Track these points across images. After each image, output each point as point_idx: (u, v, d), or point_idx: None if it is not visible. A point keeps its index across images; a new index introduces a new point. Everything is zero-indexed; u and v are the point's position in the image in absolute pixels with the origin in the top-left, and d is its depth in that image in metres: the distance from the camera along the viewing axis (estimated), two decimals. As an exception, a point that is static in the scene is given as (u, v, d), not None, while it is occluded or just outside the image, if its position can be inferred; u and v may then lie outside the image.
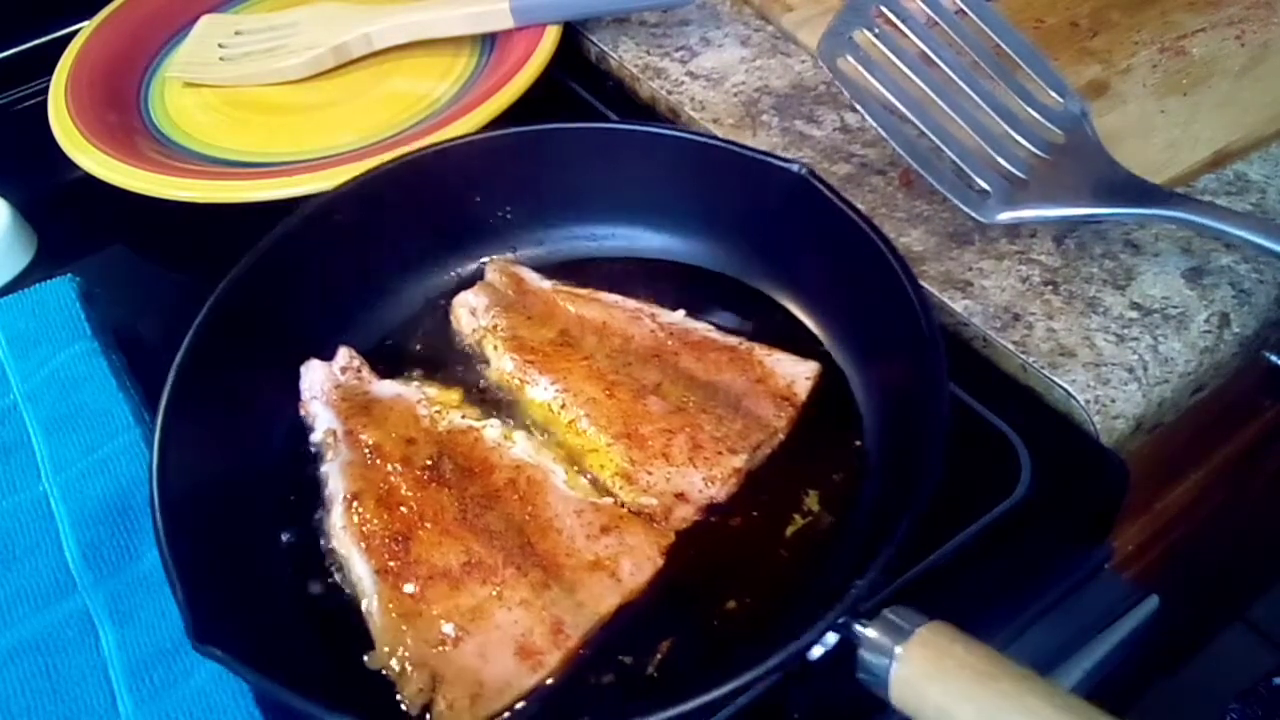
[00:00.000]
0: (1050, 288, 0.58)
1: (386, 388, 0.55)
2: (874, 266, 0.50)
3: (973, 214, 0.58)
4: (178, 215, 0.63)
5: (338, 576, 0.48)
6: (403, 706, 0.44)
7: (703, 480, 0.50)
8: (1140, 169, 0.58)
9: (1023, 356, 0.55)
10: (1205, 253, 0.58)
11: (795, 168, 0.54)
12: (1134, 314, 0.56)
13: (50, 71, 0.73)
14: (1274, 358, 0.62)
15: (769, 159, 0.55)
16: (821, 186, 0.53)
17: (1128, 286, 0.57)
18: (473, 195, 0.60)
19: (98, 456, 0.52)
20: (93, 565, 0.48)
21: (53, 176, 0.69)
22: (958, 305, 0.57)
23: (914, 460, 0.44)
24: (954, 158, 0.59)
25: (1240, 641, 1.46)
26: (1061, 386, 0.53)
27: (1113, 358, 0.54)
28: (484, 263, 0.61)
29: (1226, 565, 1.16)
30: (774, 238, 0.58)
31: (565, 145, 0.60)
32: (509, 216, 0.61)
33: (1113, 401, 0.53)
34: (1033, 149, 0.59)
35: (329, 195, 0.57)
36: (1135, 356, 0.54)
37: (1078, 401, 0.53)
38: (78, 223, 0.69)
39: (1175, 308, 0.56)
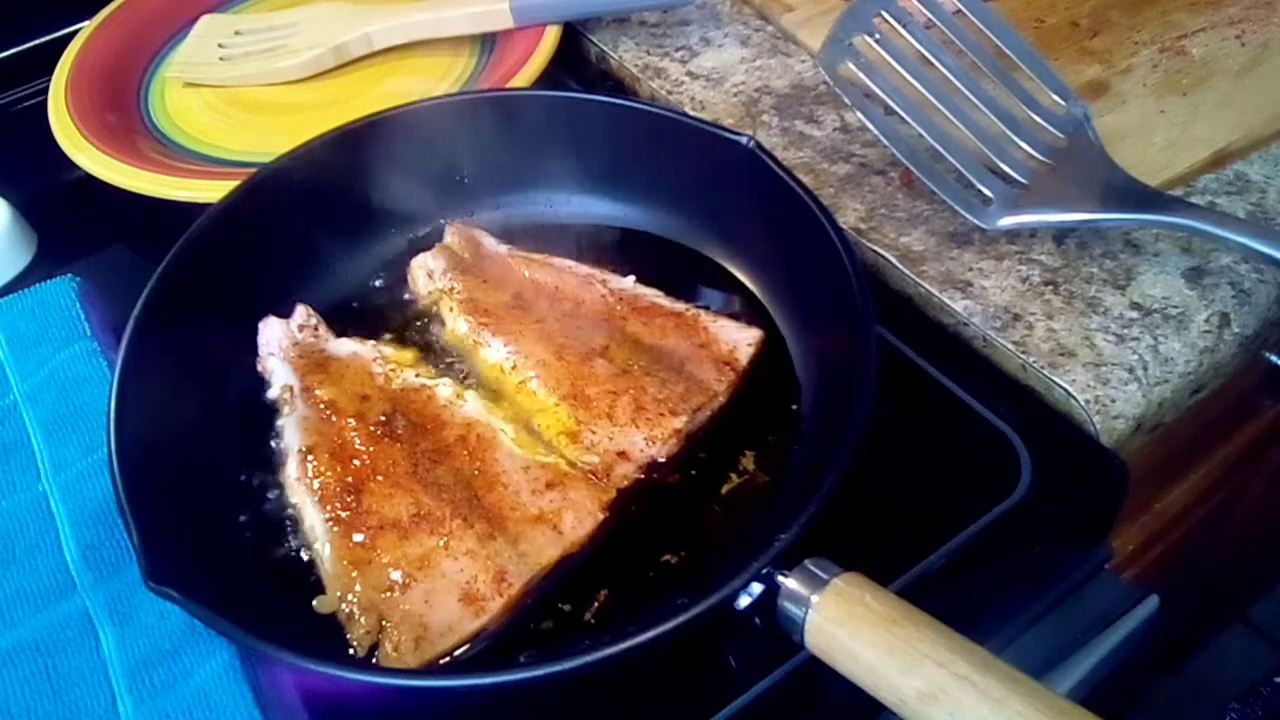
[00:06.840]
0: (1050, 288, 0.58)
1: (343, 346, 0.56)
2: (815, 238, 0.52)
3: (976, 221, 0.57)
4: (178, 215, 0.63)
5: (291, 525, 0.49)
6: (351, 648, 0.45)
7: (644, 440, 0.51)
8: (1140, 169, 0.57)
9: (1023, 356, 0.55)
10: (1205, 252, 0.58)
11: (744, 140, 0.55)
12: (1134, 314, 0.56)
13: (50, 71, 0.73)
14: (1274, 358, 0.63)
15: (719, 131, 0.57)
16: (768, 159, 0.54)
17: (1128, 286, 0.57)
18: (431, 159, 0.61)
19: (98, 456, 0.52)
20: (93, 566, 0.48)
21: (53, 176, 0.69)
22: (958, 305, 0.57)
23: (842, 425, 0.45)
24: (957, 164, 0.59)
25: (1240, 641, 1.46)
26: (1061, 386, 0.53)
27: (1113, 358, 0.54)
28: (442, 225, 0.62)
29: (1226, 565, 1.16)
30: (723, 207, 0.59)
31: (522, 112, 0.61)
32: (467, 181, 0.62)
33: (1113, 401, 0.53)
34: (1035, 154, 0.59)
35: (288, 157, 0.58)
36: (1135, 356, 0.54)
37: (1078, 401, 0.53)
38: (78, 223, 0.69)
39: (1175, 308, 0.56)
